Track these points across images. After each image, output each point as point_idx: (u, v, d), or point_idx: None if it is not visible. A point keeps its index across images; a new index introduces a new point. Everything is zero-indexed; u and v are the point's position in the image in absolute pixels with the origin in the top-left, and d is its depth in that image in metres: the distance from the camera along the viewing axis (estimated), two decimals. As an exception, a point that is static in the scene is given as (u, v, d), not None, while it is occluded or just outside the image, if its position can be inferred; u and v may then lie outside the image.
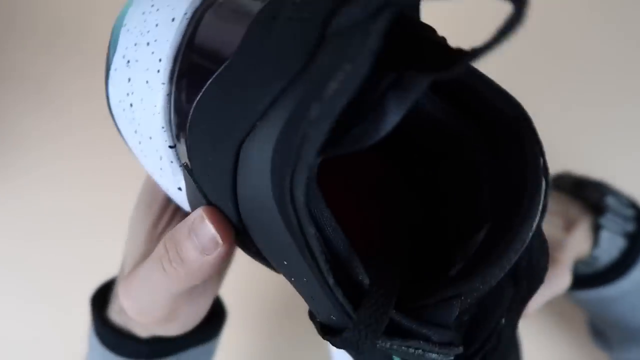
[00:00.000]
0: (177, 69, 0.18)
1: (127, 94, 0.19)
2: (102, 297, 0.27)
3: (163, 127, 0.19)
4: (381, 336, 0.16)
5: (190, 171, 0.18)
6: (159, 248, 0.19)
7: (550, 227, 0.28)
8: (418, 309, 0.16)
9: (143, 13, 0.19)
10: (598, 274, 0.31)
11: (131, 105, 0.19)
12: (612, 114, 0.47)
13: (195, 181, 0.18)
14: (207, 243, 0.18)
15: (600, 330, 0.37)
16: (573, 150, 0.46)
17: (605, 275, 0.31)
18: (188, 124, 0.17)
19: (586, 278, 0.32)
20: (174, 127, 0.19)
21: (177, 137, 0.19)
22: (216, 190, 0.18)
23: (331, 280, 0.15)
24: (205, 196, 0.18)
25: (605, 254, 0.31)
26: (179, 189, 0.20)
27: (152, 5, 0.19)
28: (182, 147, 0.18)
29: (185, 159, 0.18)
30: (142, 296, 0.21)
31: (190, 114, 0.17)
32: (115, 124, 0.21)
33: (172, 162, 0.19)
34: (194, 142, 0.17)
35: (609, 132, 0.47)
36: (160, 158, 0.20)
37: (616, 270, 0.31)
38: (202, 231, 0.18)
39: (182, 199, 0.21)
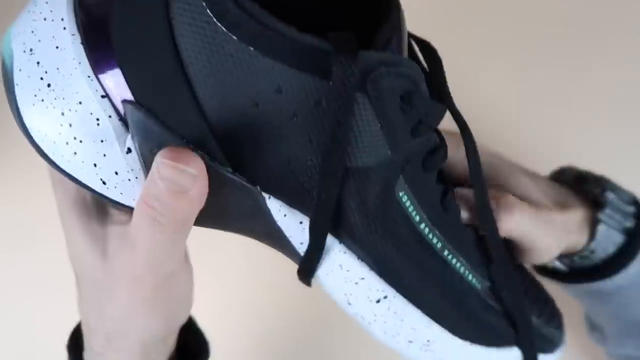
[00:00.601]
0: (79, 14, 0.19)
1: (41, 78, 0.19)
2: (76, 343, 0.26)
3: (89, 76, 0.19)
4: (368, 64, 0.19)
5: (135, 103, 0.19)
6: (141, 214, 0.19)
7: (540, 199, 0.28)
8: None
9: (29, 12, 0.20)
10: (594, 268, 0.32)
11: (49, 85, 0.19)
12: (612, 113, 0.47)
13: (145, 108, 0.19)
14: (183, 181, 0.18)
15: (597, 325, 0.37)
16: (576, 148, 0.46)
17: (601, 269, 0.31)
18: (114, 48, 0.18)
19: (582, 271, 0.32)
20: (98, 68, 0.19)
21: (107, 76, 0.19)
22: (167, 85, 0.19)
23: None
24: (160, 123, 0.19)
25: (601, 249, 0.31)
26: (128, 150, 0.20)
27: (35, 5, 0.20)
28: (115, 79, 0.19)
29: (124, 99, 0.19)
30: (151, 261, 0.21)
31: (112, 34, 0.18)
32: (41, 150, 0.20)
33: (110, 116, 0.19)
34: (125, 55, 0.19)
35: (610, 131, 0.47)
36: (98, 123, 0.19)
37: (612, 265, 0.31)
38: (172, 173, 0.18)
39: (133, 166, 0.20)
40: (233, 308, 0.45)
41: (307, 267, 0.23)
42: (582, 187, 0.32)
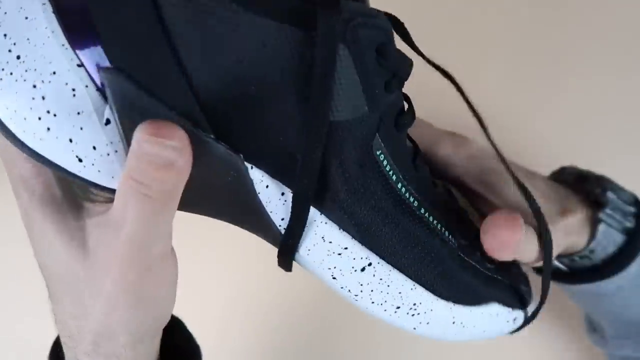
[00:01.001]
0: None
1: (9, 51, 0.18)
2: (57, 357, 0.25)
3: (63, 45, 0.18)
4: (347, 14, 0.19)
5: (114, 69, 0.18)
6: (128, 189, 0.19)
7: (544, 209, 0.28)
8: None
9: None
10: (594, 268, 0.32)
11: (18, 57, 0.18)
12: (613, 113, 0.47)
13: (127, 75, 0.18)
14: (168, 155, 0.18)
15: (596, 327, 0.37)
16: (576, 147, 0.46)
17: (601, 270, 0.31)
18: (91, 15, 0.18)
19: (582, 272, 0.32)
20: (73, 36, 0.18)
21: (83, 46, 0.18)
22: (148, 48, 0.18)
23: None
24: (142, 88, 0.18)
25: (601, 248, 0.31)
26: (107, 121, 0.19)
27: None
28: (91, 47, 0.18)
29: (102, 66, 0.18)
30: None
31: (88, 1, 0.18)
32: (8, 131, 0.19)
33: (87, 86, 0.19)
34: (102, 21, 0.18)
35: (611, 131, 0.47)
36: (74, 94, 0.18)
37: (612, 265, 0.31)
38: (155, 149, 0.17)
39: (112, 138, 0.19)
40: (235, 308, 0.45)
41: (289, 245, 0.23)
42: (583, 187, 0.32)
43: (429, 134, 0.31)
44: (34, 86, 0.18)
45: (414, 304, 0.25)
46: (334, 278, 0.24)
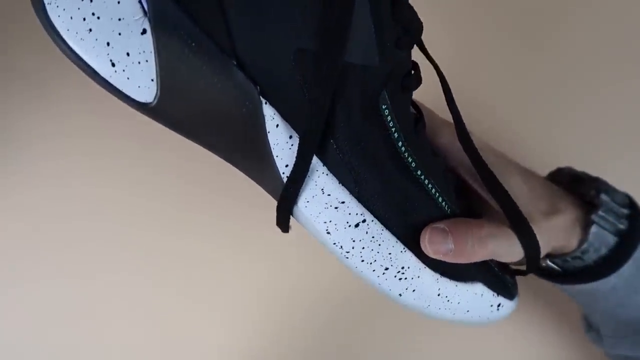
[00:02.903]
0: None
1: None
2: None
3: None
4: None
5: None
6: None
7: (536, 207, 0.29)
8: None
9: None
10: (587, 269, 0.32)
11: (93, 14, 0.20)
12: (613, 114, 0.47)
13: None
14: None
15: (593, 325, 0.38)
16: (574, 149, 0.45)
17: (594, 271, 0.31)
18: None
19: (575, 272, 0.32)
20: None
21: None
22: None
23: None
24: (179, 6, 0.20)
25: (593, 250, 0.31)
26: (144, 31, 0.21)
27: None
28: None
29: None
30: None
31: None
32: (54, 27, 0.21)
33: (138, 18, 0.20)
34: None
35: (611, 132, 0.46)
36: (119, 2, 0.20)
37: (604, 266, 0.31)
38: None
39: (145, 48, 0.21)
40: (236, 309, 0.46)
41: (290, 193, 0.24)
42: (577, 189, 0.32)
43: (431, 120, 0.31)
44: (113, 50, 0.20)
45: (402, 267, 0.26)
46: (328, 233, 0.25)
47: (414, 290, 0.27)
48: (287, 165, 0.24)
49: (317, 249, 0.29)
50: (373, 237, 0.25)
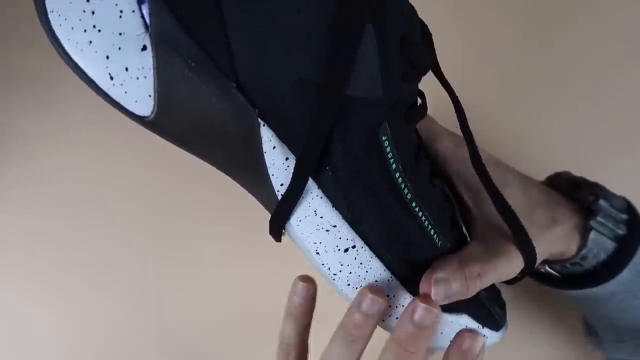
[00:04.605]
0: None
1: (87, 1, 0.20)
2: None
3: None
4: None
5: (163, 1, 0.20)
6: None
7: (534, 218, 0.29)
8: None
9: None
10: (586, 274, 0.32)
11: (94, 27, 0.20)
12: (613, 116, 0.46)
13: (172, 9, 0.20)
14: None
15: (592, 329, 0.38)
16: (574, 153, 0.45)
17: (593, 276, 0.31)
18: None
19: (575, 278, 0.32)
20: None
21: None
22: None
23: None
24: (182, 25, 0.20)
25: (592, 256, 0.31)
26: (144, 47, 0.21)
27: None
28: None
29: None
30: None
31: None
32: (55, 36, 0.21)
33: (134, 11, 0.20)
34: None
35: (610, 134, 0.46)
36: (121, 16, 0.20)
37: (604, 272, 0.31)
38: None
39: (144, 64, 0.21)
40: (236, 310, 0.46)
41: (284, 210, 0.24)
42: (576, 194, 0.32)
43: (432, 129, 0.31)
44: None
45: (388, 296, 0.26)
46: (317, 253, 0.25)
47: (397, 318, 0.26)
48: (282, 185, 0.24)
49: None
50: (361, 263, 0.25)
